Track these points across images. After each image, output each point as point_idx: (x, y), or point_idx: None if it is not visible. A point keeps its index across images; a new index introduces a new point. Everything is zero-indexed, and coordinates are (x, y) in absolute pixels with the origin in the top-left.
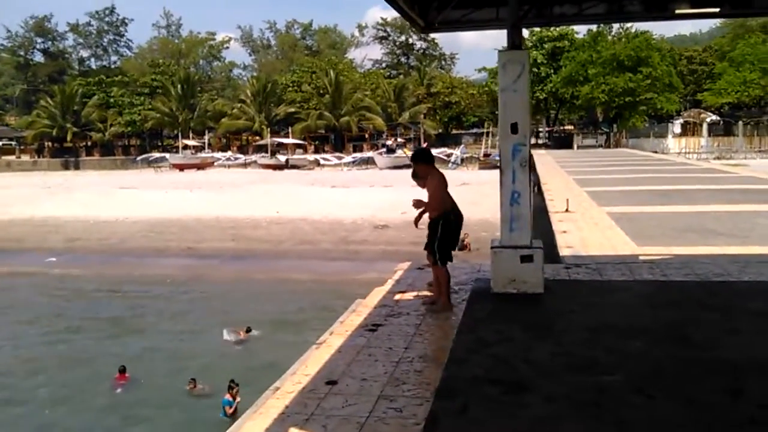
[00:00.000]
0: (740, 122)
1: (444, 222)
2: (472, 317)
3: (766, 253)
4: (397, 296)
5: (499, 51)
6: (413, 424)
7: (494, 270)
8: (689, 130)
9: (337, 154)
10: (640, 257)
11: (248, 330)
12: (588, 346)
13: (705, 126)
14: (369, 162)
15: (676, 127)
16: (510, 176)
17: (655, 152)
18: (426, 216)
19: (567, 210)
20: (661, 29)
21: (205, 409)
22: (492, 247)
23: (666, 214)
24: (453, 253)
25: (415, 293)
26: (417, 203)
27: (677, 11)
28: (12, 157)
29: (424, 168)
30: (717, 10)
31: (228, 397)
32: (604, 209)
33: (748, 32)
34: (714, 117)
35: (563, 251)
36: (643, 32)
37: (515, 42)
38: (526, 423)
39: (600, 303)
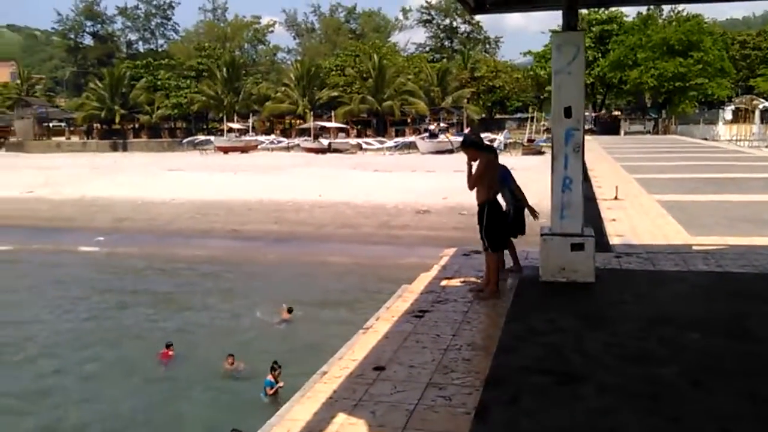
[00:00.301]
0: None
1: (489, 208)
2: (521, 305)
3: None
4: (444, 282)
5: (554, 32)
6: (463, 413)
7: (543, 258)
8: (741, 116)
9: (380, 138)
10: (694, 247)
11: (290, 310)
12: (642, 338)
13: (757, 113)
14: (411, 147)
15: (727, 113)
16: (562, 162)
17: (705, 139)
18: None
19: (616, 197)
20: (713, 13)
21: (246, 389)
22: (542, 235)
23: (719, 203)
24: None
25: (462, 279)
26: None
27: None
28: (62, 138)
29: (472, 153)
30: None
31: (270, 378)
32: (654, 197)
33: None
34: (767, 104)
35: (613, 240)
36: (695, 16)
37: (570, 23)
38: (579, 415)
39: (653, 294)
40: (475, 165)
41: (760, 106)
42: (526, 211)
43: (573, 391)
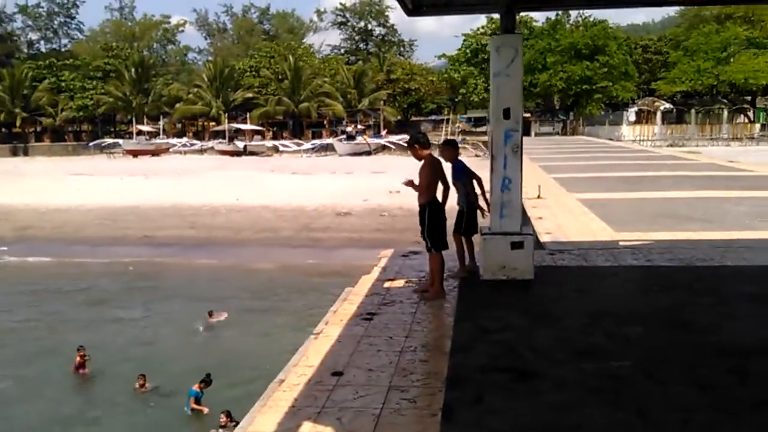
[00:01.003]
0: (693, 110)
1: (430, 208)
2: (467, 304)
3: (742, 238)
4: (387, 284)
5: (493, 35)
6: (429, 414)
7: (484, 257)
8: (643, 118)
9: (296, 140)
10: (621, 243)
11: (210, 313)
12: (589, 332)
13: (659, 114)
14: (329, 149)
15: (631, 115)
16: (501, 162)
17: (611, 139)
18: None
19: (539, 196)
20: (617, 18)
21: (167, 404)
22: (482, 234)
23: (636, 200)
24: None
25: (404, 281)
26: (409, 182)
27: None
28: None
29: (415, 151)
30: None
31: (196, 388)
32: (574, 195)
33: (702, 22)
34: (667, 105)
35: (543, 237)
36: (601, 21)
37: (508, 26)
38: (544, 411)
39: (592, 289)
40: (419, 165)
41: (662, 108)
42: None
43: (533, 387)
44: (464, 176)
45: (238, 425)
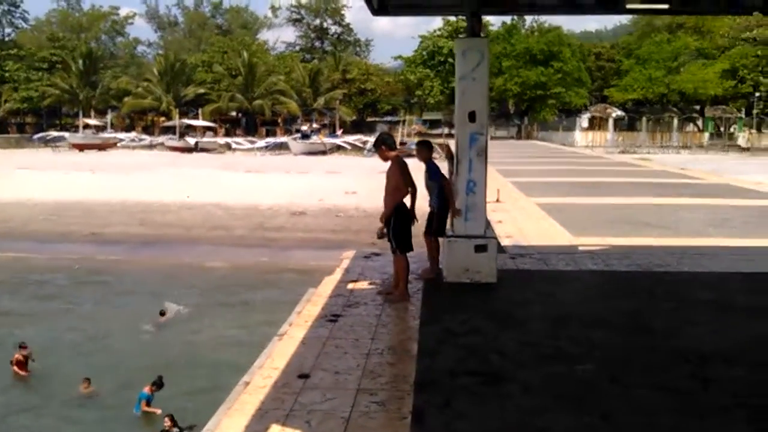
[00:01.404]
0: (644, 118)
1: (397, 211)
2: (431, 307)
3: (697, 245)
4: (351, 285)
5: (458, 38)
6: (399, 418)
7: (448, 259)
8: (596, 124)
9: (250, 138)
10: (579, 247)
11: (162, 313)
12: (553, 336)
13: (611, 121)
14: (283, 147)
15: (584, 121)
16: (466, 165)
17: (564, 145)
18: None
19: (498, 200)
20: (571, 25)
21: (113, 407)
22: (446, 236)
23: (593, 206)
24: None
25: (368, 282)
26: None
27: (629, 6)
28: None
29: (383, 153)
30: (666, 6)
31: (146, 390)
32: (532, 200)
33: (654, 31)
34: (619, 112)
35: (503, 241)
36: (556, 27)
37: (475, 29)
38: (512, 415)
39: (553, 293)
40: (386, 166)
41: (613, 115)
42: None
43: (500, 391)
44: (438, 177)
45: (204, 428)
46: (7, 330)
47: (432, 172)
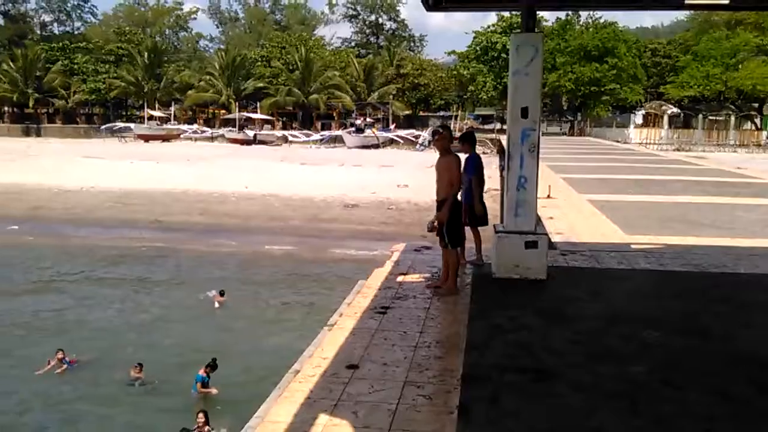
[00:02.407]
0: (700, 116)
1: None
2: (480, 302)
3: (754, 246)
4: (400, 278)
5: (513, 34)
6: (446, 412)
7: (497, 255)
8: (650, 121)
9: (306, 131)
10: (632, 245)
11: (222, 293)
12: (605, 335)
13: (666, 118)
14: (337, 140)
15: (638, 118)
16: (518, 161)
17: (618, 141)
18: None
19: (549, 196)
20: (626, 21)
21: (170, 390)
22: (496, 232)
23: (647, 204)
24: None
25: (417, 275)
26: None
27: (687, 2)
28: None
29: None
30: (726, 1)
31: (202, 372)
32: (584, 196)
33: (712, 27)
34: (675, 109)
35: (554, 237)
36: (611, 23)
37: (529, 25)
38: (561, 415)
39: (605, 291)
40: (444, 160)
41: (669, 112)
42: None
43: (549, 389)
44: (471, 172)
45: (254, 415)
46: (76, 313)
47: (469, 166)
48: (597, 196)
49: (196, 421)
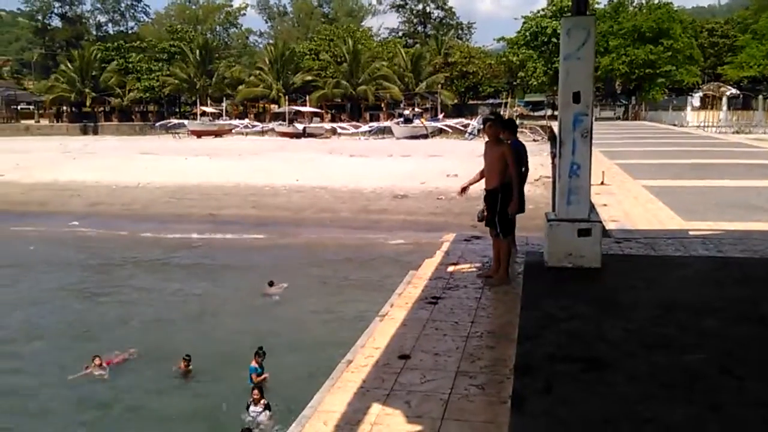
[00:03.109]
0: (760, 96)
1: (503, 193)
2: (532, 292)
3: None
4: (451, 268)
5: (564, 17)
6: (499, 402)
7: (550, 243)
8: (708, 103)
9: (354, 123)
10: (690, 232)
11: (271, 284)
12: (660, 324)
13: (725, 100)
14: (386, 131)
15: (695, 100)
16: (570, 147)
17: (674, 125)
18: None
19: (602, 183)
20: (681, 0)
21: (226, 381)
22: (548, 220)
23: (705, 188)
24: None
25: (468, 265)
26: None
27: None
28: (31, 122)
29: (498, 132)
30: None
31: (254, 364)
32: (639, 182)
33: None
34: (734, 91)
35: (608, 225)
36: (666, 3)
37: (580, 8)
38: (615, 403)
39: (661, 279)
40: (496, 148)
41: (728, 93)
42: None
43: (603, 378)
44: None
45: (308, 405)
46: (135, 306)
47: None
48: (653, 182)
49: (252, 396)
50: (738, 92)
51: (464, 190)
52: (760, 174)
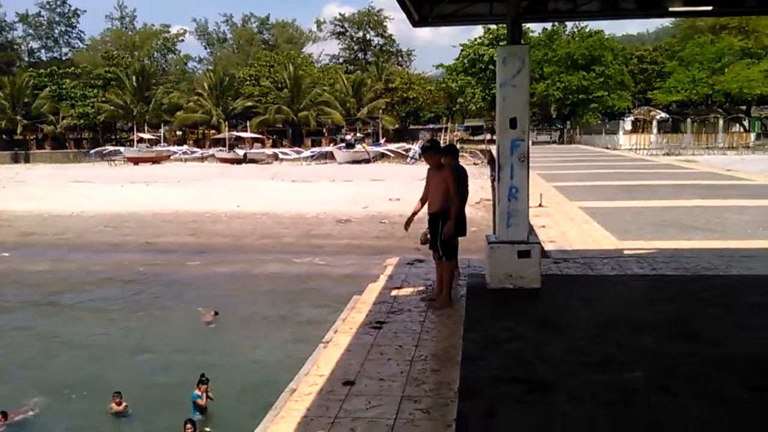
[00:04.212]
0: (688, 120)
1: (444, 217)
2: (475, 314)
3: (746, 247)
4: (394, 292)
5: (499, 46)
6: (444, 426)
7: (491, 265)
8: (639, 127)
9: (296, 148)
10: (625, 251)
11: (216, 313)
12: (599, 343)
13: (655, 123)
14: (328, 156)
15: (627, 124)
16: (508, 171)
17: (608, 148)
18: (421, 213)
19: (540, 205)
20: (612, 29)
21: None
22: (489, 243)
23: (638, 209)
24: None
25: (411, 289)
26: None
27: (671, 9)
28: None
29: (436, 158)
30: (710, 8)
31: (197, 391)
32: (575, 204)
33: (697, 32)
34: (663, 114)
35: (547, 246)
36: (597, 32)
37: (515, 37)
38: (558, 424)
39: (599, 298)
40: (438, 173)
41: (657, 117)
42: (467, 211)
43: (546, 399)
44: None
45: None
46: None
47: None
48: (589, 203)
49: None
50: (667, 116)
51: (409, 223)
52: (689, 194)
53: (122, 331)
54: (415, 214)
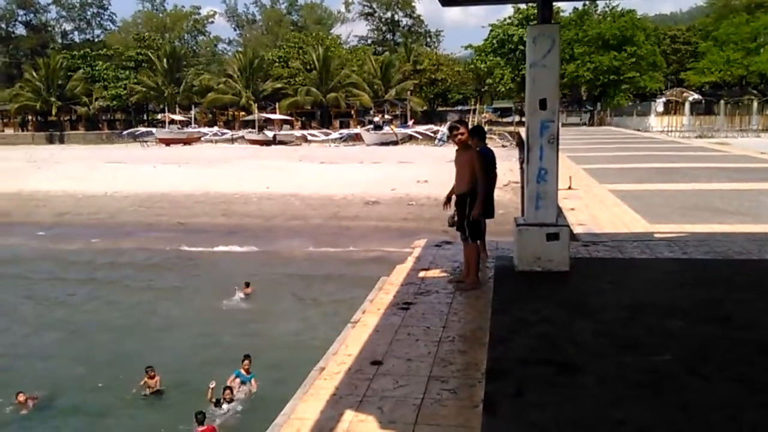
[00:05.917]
0: (722, 101)
1: (472, 198)
2: (503, 296)
3: None
4: (422, 274)
5: (529, 25)
6: (471, 406)
7: (519, 248)
8: (671, 108)
9: (324, 130)
10: (655, 235)
11: (247, 284)
12: (629, 325)
13: (687, 105)
14: (356, 138)
15: (659, 105)
16: (537, 153)
17: (639, 130)
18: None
19: (570, 187)
20: (644, 8)
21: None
22: (517, 225)
23: (669, 192)
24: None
25: (439, 271)
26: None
27: None
28: None
29: (465, 139)
30: None
31: (242, 371)
32: (605, 186)
33: (732, 12)
34: (696, 96)
35: (576, 229)
36: (629, 11)
37: (545, 16)
38: (586, 406)
39: (628, 281)
40: (464, 154)
41: (690, 99)
42: (495, 194)
43: (574, 381)
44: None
45: (281, 412)
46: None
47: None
48: (619, 186)
49: (223, 395)
50: (700, 97)
51: (448, 201)
52: (722, 177)
53: (151, 308)
54: (452, 192)
